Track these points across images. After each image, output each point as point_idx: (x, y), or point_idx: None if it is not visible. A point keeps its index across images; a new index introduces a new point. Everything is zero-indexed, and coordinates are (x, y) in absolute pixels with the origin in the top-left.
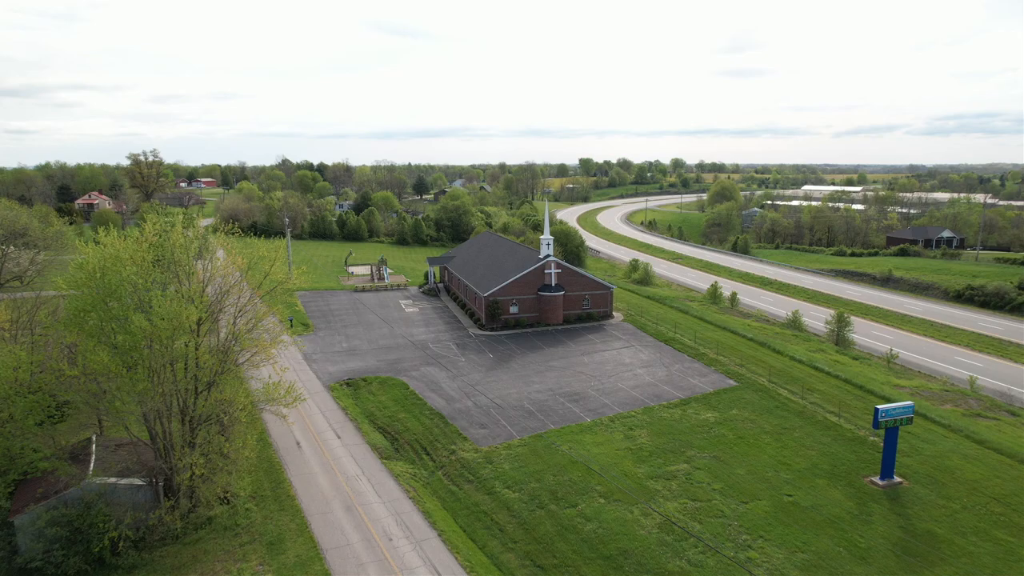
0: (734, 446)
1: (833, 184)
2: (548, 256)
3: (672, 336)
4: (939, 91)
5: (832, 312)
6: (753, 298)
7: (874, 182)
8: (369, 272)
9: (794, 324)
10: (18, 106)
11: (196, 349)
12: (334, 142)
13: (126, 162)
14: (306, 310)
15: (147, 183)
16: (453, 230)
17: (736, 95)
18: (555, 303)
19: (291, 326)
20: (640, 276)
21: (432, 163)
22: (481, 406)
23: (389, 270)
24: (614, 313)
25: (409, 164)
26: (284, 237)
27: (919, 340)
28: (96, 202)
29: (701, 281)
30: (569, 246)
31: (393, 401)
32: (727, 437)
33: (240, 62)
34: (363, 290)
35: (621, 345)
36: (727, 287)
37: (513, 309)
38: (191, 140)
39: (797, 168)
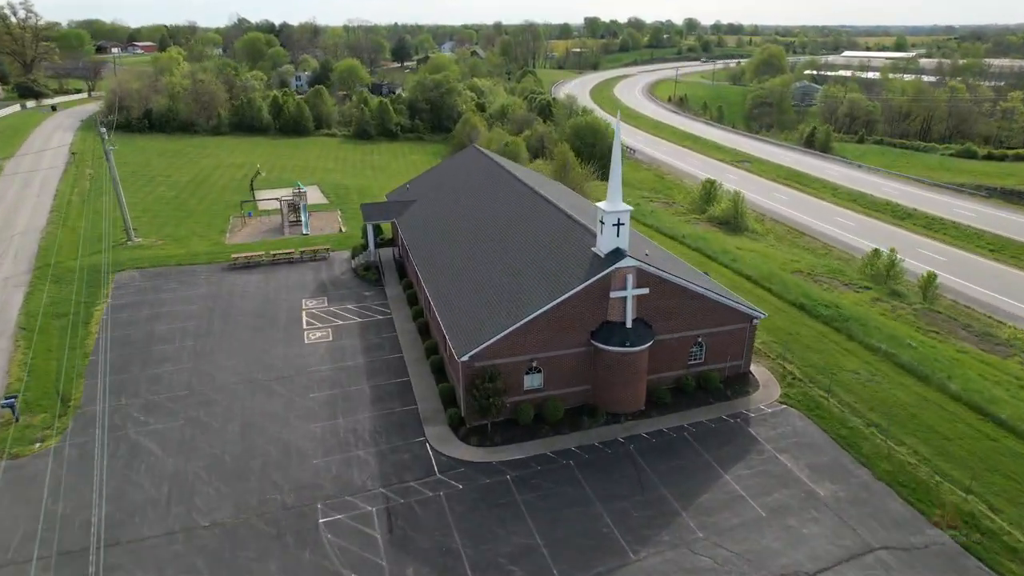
0: None
1: (868, 49)
2: (622, 256)
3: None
4: None
5: None
6: (908, 252)
7: (913, 46)
8: (280, 209)
9: None
10: None
11: None
12: None
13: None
14: (100, 340)
15: (24, 50)
16: (433, 116)
17: None
18: (633, 368)
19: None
20: (725, 212)
21: (420, 23)
22: None
23: (306, 205)
24: (752, 369)
25: (395, 24)
26: (204, 132)
27: None
28: None
29: (801, 209)
30: (598, 148)
31: None
32: None
33: None
34: (248, 263)
35: (844, 553)
36: (845, 223)
37: (532, 381)
38: None
39: (822, 31)
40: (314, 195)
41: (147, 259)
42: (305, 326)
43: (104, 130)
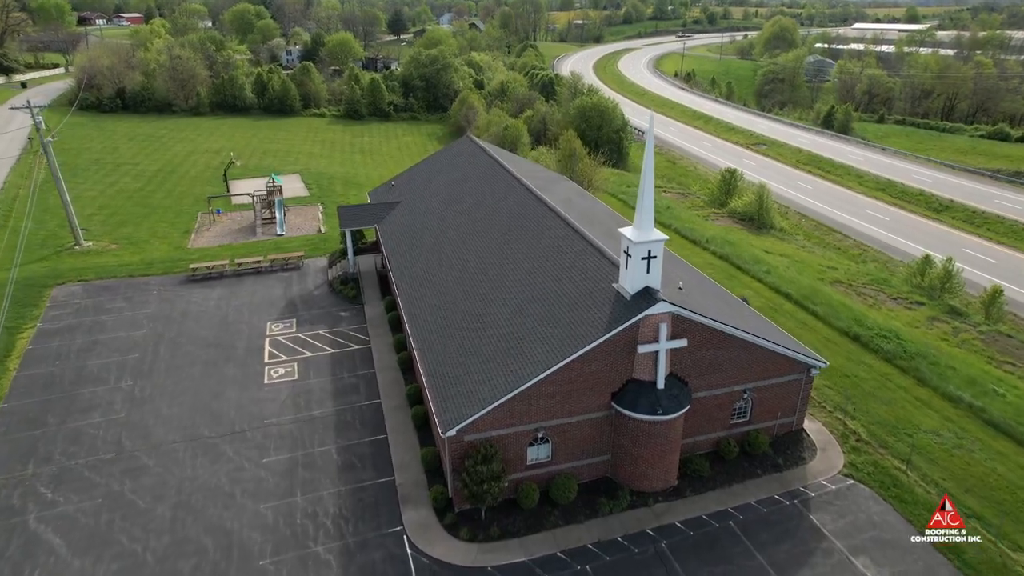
0: None
1: (878, 21)
2: (654, 300)
3: None
4: None
5: None
6: (952, 253)
7: (924, 17)
8: (252, 203)
9: None
10: None
11: None
12: None
13: None
14: (19, 380)
15: None
16: (429, 94)
17: None
18: (665, 439)
19: None
20: (748, 207)
21: None
22: None
23: (283, 201)
24: (805, 425)
25: None
26: (183, 113)
27: None
28: None
29: (827, 200)
30: (605, 131)
31: None
32: None
33: None
34: (208, 274)
35: None
36: (877, 216)
37: (537, 452)
38: None
39: (829, 2)
40: (294, 185)
41: (94, 269)
42: (267, 359)
43: (41, 119)
